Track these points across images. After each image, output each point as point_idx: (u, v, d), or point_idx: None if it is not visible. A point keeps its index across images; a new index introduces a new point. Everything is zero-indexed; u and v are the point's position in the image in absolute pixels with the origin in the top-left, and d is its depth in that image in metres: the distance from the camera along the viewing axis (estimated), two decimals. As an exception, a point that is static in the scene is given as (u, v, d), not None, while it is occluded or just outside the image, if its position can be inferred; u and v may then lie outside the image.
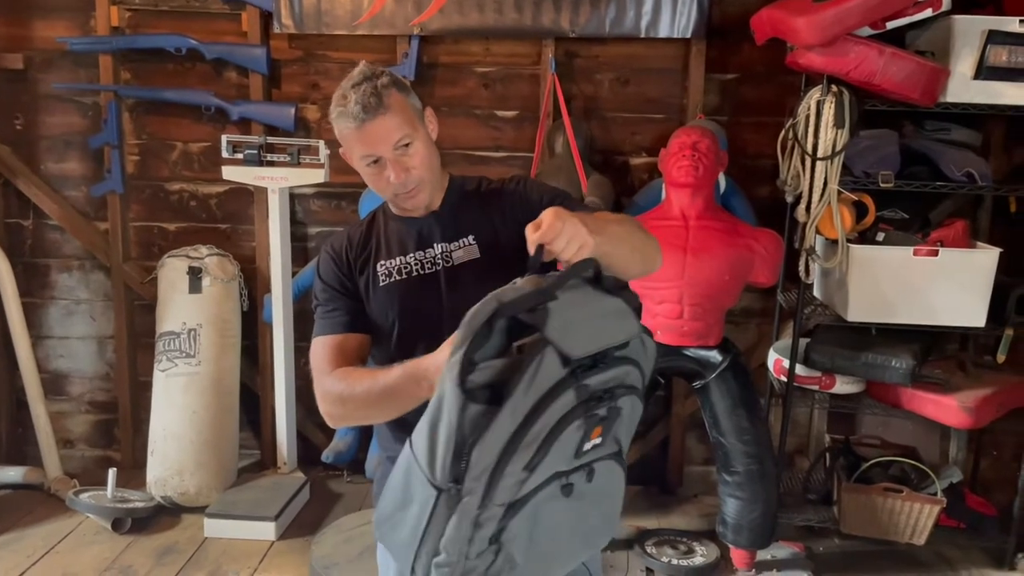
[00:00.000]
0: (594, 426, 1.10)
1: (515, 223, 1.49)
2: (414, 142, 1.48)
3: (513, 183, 1.61)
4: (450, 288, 1.51)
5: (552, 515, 1.13)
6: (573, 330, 1.08)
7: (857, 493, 3.01)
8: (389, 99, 1.45)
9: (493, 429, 1.03)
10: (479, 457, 1.04)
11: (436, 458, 1.08)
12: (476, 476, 1.05)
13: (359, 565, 2.76)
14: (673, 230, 2.84)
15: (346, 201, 3.57)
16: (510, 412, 1.04)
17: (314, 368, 1.51)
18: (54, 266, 3.69)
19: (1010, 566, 3.06)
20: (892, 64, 2.63)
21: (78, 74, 3.51)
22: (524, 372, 1.03)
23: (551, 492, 1.11)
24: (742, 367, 2.91)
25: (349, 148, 1.51)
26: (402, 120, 1.46)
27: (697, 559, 3.03)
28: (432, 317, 1.49)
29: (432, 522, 1.10)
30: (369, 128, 1.44)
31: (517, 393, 1.03)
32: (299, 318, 3.50)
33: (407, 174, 1.48)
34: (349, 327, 1.52)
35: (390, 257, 1.55)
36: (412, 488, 1.12)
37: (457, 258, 1.53)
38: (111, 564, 2.98)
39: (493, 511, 1.06)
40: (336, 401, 1.43)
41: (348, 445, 3.50)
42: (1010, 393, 3.04)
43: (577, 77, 3.43)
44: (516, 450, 1.04)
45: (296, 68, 3.49)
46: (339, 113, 1.46)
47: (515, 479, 1.06)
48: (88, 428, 3.82)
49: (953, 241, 2.90)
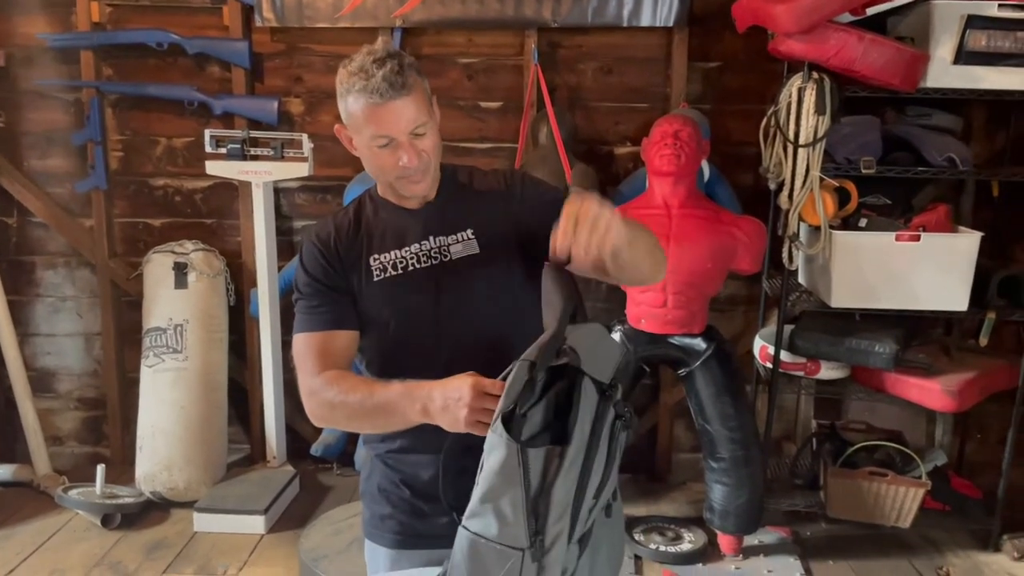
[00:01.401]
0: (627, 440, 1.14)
1: (516, 222, 1.49)
2: (428, 131, 1.43)
3: (517, 181, 1.55)
4: (449, 284, 1.46)
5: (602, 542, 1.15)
6: (594, 360, 1.11)
7: (843, 478, 3.03)
8: (412, 79, 1.39)
9: (567, 466, 1.04)
10: (558, 498, 1.03)
11: (508, 522, 1.04)
12: (557, 518, 1.03)
13: (348, 557, 2.77)
14: (656, 219, 2.85)
15: (331, 194, 3.57)
16: (577, 438, 1.05)
17: (299, 366, 1.46)
18: (39, 263, 3.69)
19: (995, 547, 3.09)
20: (872, 50, 2.63)
21: (60, 70, 3.49)
22: (576, 400, 1.05)
23: (599, 517, 1.14)
24: (726, 354, 2.93)
25: (357, 127, 1.42)
26: (422, 104, 1.41)
27: (685, 545, 3.05)
28: (430, 314, 1.46)
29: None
30: (391, 107, 1.37)
31: (578, 423, 1.05)
32: (286, 312, 3.50)
33: (419, 158, 1.42)
34: (336, 324, 1.45)
35: (384, 251, 1.48)
36: (487, 567, 1.06)
37: (455, 252, 1.47)
38: (101, 560, 2.99)
39: (572, 551, 1.06)
40: (325, 405, 1.40)
41: (337, 438, 3.52)
42: (993, 376, 3.06)
43: (560, 67, 3.43)
44: (590, 475, 1.06)
45: (278, 62, 3.49)
46: (359, 88, 1.37)
47: (587, 507, 1.07)
48: (76, 425, 3.81)
49: (935, 226, 2.91)
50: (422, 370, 1.34)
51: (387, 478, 1.55)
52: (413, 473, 1.51)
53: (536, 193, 1.55)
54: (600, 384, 1.10)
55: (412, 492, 1.51)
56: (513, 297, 1.49)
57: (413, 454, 1.49)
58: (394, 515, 1.54)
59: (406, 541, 1.53)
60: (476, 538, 1.06)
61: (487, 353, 1.25)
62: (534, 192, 1.55)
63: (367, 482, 1.61)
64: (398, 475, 1.54)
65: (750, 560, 3.01)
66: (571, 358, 1.09)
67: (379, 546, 1.58)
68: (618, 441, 1.12)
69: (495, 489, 1.05)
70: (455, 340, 1.43)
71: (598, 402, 1.09)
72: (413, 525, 1.52)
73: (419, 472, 1.49)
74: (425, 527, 1.51)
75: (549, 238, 1.26)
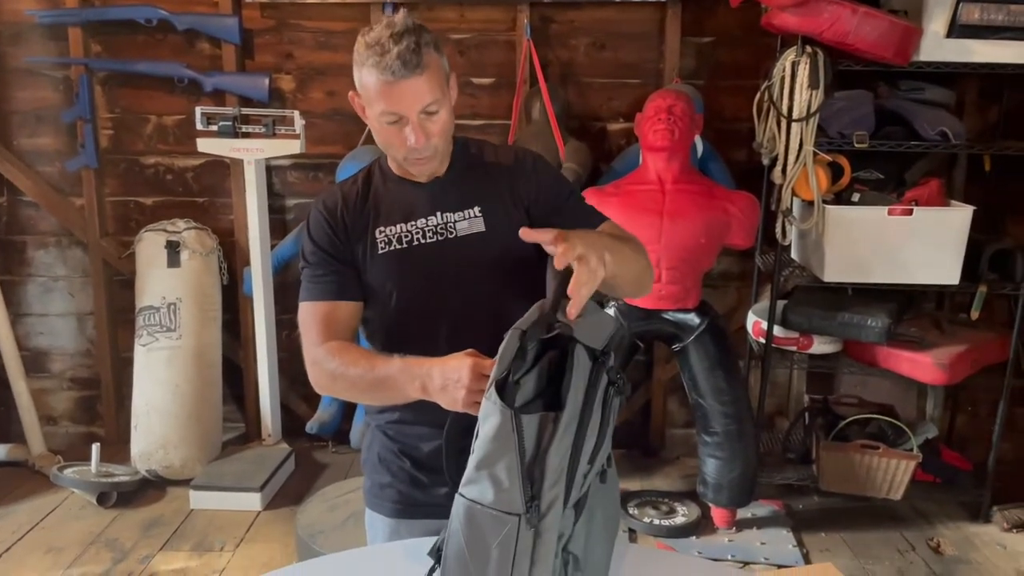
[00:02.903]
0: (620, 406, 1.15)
1: (525, 206, 1.49)
2: (440, 110, 1.40)
3: (530, 164, 1.54)
4: (453, 260, 1.46)
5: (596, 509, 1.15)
6: (587, 328, 1.12)
7: (835, 451, 3.05)
8: (428, 58, 1.36)
9: (561, 432, 1.04)
10: (553, 464, 1.04)
11: (503, 487, 1.05)
12: (552, 483, 1.04)
13: (344, 532, 2.78)
14: (650, 194, 2.85)
15: (323, 172, 3.55)
16: (571, 404, 1.06)
17: (304, 334, 1.47)
18: (30, 243, 3.67)
19: (985, 519, 3.12)
20: (865, 23, 2.63)
21: (48, 47, 3.46)
22: (569, 367, 1.06)
23: (593, 482, 1.14)
24: (719, 329, 2.94)
25: (369, 100, 1.39)
26: (436, 83, 1.38)
27: (679, 519, 3.08)
28: (433, 288, 1.46)
29: (519, 556, 1.04)
30: (404, 85, 1.34)
31: (571, 389, 1.06)
32: (279, 290, 3.50)
33: (427, 140, 1.40)
34: (340, 294, 1.46)
35: (390, 223, 1.47)
36: (484, 534, 1.06)
37: (461, 229, 1.46)
38: (97, 537, 3.00)
39: (568, 516, 1.07)
40: (327, 376, 1.41)
41: (332, 416, 3.52)
42: (984, 349, 3.08)
43: (553, 42, 3.41)
44: (584, 440, 1.06)
45: (269, 38, 3.46)
46: (373, 63, 1.34)
47: (582, 472, 1.08)
48: (71, 405, 3.81)
49: (928, 200, 2.92)
50: (424, 344, 1.34)
51: (387, 448, 1.56)
52: (413, 444, 1.51)
53: (547, 177, 1.55)
54: (593, 351, 1.11)
55: (412, 462, 1.52)
56: (517, 275, 1.49)
57: (413, 426, 1.50)
58: (393, 484, 1.55)
59: (405, 510, 1.54)
60: (472, 504, 1.07)
61: (489, 329, 1.24)
62: (545, 176, 1.55)
63: (368, 451, 1.61)
64: (397, 445, 1.54)
65: (743, 533, 3.04)
66: (563, 328, 1.10)
67: (379, 515, 1.58)
68: (611, 407, 1.13)
69: (490, 455, 1.05)
70: (457, 316, 1.43)
71: (591, 368, 1.10)
72: (412, 495, 1.53)
73: (419, 443, 1.50)
74: (424, 497, 1.52)
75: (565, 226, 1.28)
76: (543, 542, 1.04)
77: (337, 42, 3.42)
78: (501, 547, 1.04)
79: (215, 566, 2.82)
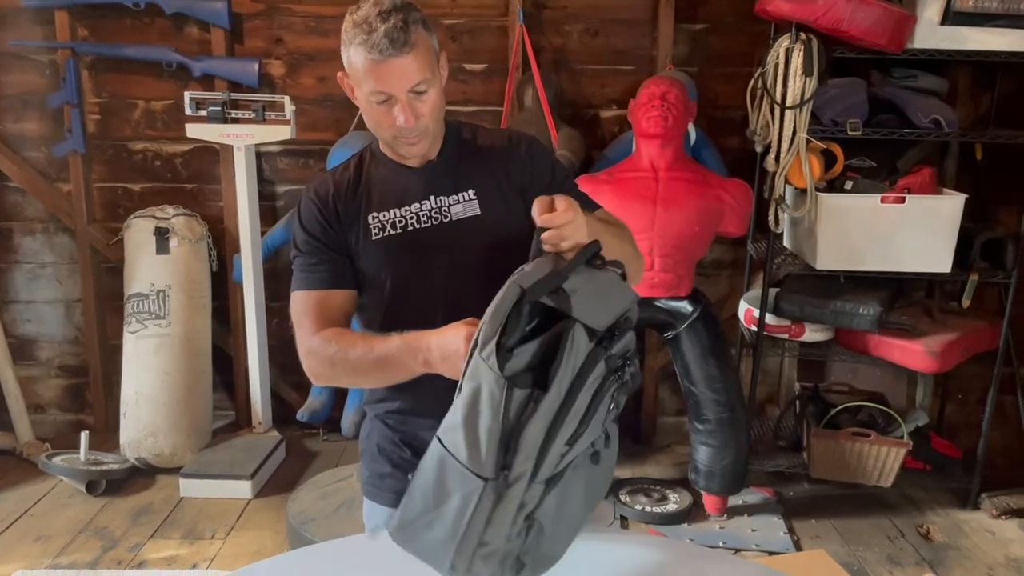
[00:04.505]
0: (621, 393, 1.14)
1: (520, 188, 1.47)
2: (430, 89, 1.37)
3: (524, 147, 1.52)
4: (448, 245, 1.44)
5: (572, 482, 1.15)
6: (591, 305, 1.11)
7: (826, 438, 3.06)
8: (416, 36, 1.33)
9: (541, 412, 1.04)
10: (528, 440, 1.04)
11: (480, 450, 1.05)
12: (525, 458, 1.04)
13: (335, 520, 2.78)
14: (643, 181, 2.84)
15: (314, 158, 3.53)
16: (555, 390, 1.05)
17: (297, 324, 1.45)
18: (17, 229, 3.63)
19: (974, 506, 3.14)
20: (859, 10, 2.62)
21: (34, 31, 3.41)
22: (562, 350, 1.05)
23: (581, 460, 1.14)
24: (712, 317, 2.94)
25: (357, 80, 1.37)
26: (425, 62, 1.35)
27: (670, 506, 3.09)
28: (428, 273, 1.44)
29: (476, 515, 1.06)
30: (392, 64, 1.32)
31: (558, 371, 1.05)
32: (270, 277, 3.48)
33: (416, 120, 1.37)
34: (333, 283, 1.44)
35: (383, 209, 1.45)
36: (449, 484, 1.09)
37: (456, 213, 1.45)
38: (86, 526, 2.98)
39: (535, 489, 1.07)
40: (325, 363, 1.40)
41: (323, 404, 3.51)
42: (975, 337, 3.10)
43: (546, 28, 3.39)
44: (561, 425, 1.06)
45: (259, 22, 3.42)
46: (360, 41, 1.32)
47: (558, 453, 1.07)
48: (59, 392, 3.78)
49: (920, 188, 2.92)
50: (420, 329, 1.33)
51: (387, 438, 1.55)
52: (413, 433, 1.50)
53: (542, 160, 1.54)
54: (594, 332, 1.09)
55: (412, 451, 1.50)
56: (512, 258, 1.45)
57: (414, 416, 1.48)
58: (394, 474, 1.53)
59: None
60: (446, 454, 1.09)
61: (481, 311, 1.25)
62: (541, 159, 1.54)
63: (366, 441, 1.60)
64: (398, 435, 1.53)
65: (734, 520, 3.05)
66: (562, 302, 1.09)
67: (378, 504, 1.57)
68: (603, 397, 1.11)
69: (475, 415, 1.06)
70: (453, 300, 1.40)
71: (590, 352, 1.09)
72: None
73: (419, 432, 1.48)
74: None
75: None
76: (503, 507, 1.05)
77: (328, 27, 3.39)
78: (463, 500, 1.07)
79: (206, 554, 2.81)
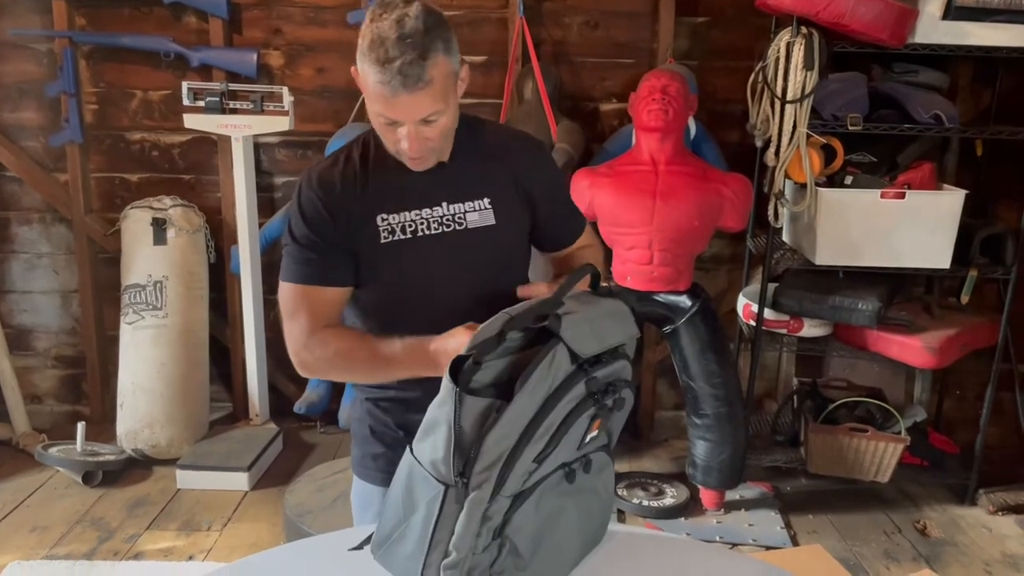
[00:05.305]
0: (597, 418, 1.14)
1: (527, 197, 1.48)
2: (440, 117, 1.32)
3: (536, 153, 1.53)
4: (459, 252, 1.42)
5: (557, 509, 1.15)
6: (582, 330, 1.12)
7: (824, 434, 3.06)
8: (433, 72, 1.26)
9: (504, 422, 1.04)
10: (489, 449, 1.04)
11: (439, 453, 1.06)
12: (486, 467, 1.04)
13: (332, 512, 2.77)
14: (643, 175, 2.83)
15: (312, 150, 3.51)
16: (523, 404, 1.05)
17: (287, 315, 1.42)
18: (14, 219, 3.61)
19: (971, 502, 3.14)
20: (861, 4, 2.60)
21: (32, 19, 3.39)
22: (537, 365, 1.05)
23: (554, 481, 1.14)
24: (711, 312, 2.93)
25: (368, 96, 1.31)
26: (438, 95, 1.29)
27: (667, 500, 3.08)
28: (434, 280, 1.42)
29: (440, 522, 1.07)
30: (402, 99, 1.27)
31: (529, 385, 1.05)
32: (267, 269, 3.47)
33: (422, 144, 1.33)
34: (329, 279, 1.41)
35: (393, 211, 1.40)
36: (415, 493, 1.10)
37: (472, 221, 1.42)
38: (83, 517, 2.98)
39: (501, 503, 1.07)
40: (321, 361, 1.41)
41: (320, 396, 3.50)
42: (973, 333, 3.09)
43: (546, 21, 3.37)
44: (529, 441, 1.05)
45: (257, 12, 3.40)
46: (373, 62, 1.25)
47: (524, 469, 1.07)
48: (55, 383, 3.77)
49: (920, 184, 2.92)
50: (417, 329, 1.34)
51: (380, 421, 1.55)
52: (408, 417, 1.49)
53: (550, 169, 1.57)
54: (576, 356, 1.10)
55: (405, 432, 1.50)
56: (517, 268, 1.51)
57: (407, 402, 1.48)
58: (386, 454, 1.53)
59: None
60: (414, 461, 1.11)
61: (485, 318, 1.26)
62: (551, 168, 1.57)
63: (359, 424, 1.60)
64: (392, 418, 1.53)
65: (731, 515, 3.05)
66: (552, 323, 1.10)
67: (370, 484, 1.57)
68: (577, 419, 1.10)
69: (432, 422, 1.08)
70: (455, 306, 1.38)
71: (569, 373, 1.09)
72: None
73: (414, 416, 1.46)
74: None
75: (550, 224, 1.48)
76: (467, 515, 1.06)
77: (327, 18, 3.37)
78: (427, 507, 1.08)
79: (202, 546, 2.81)
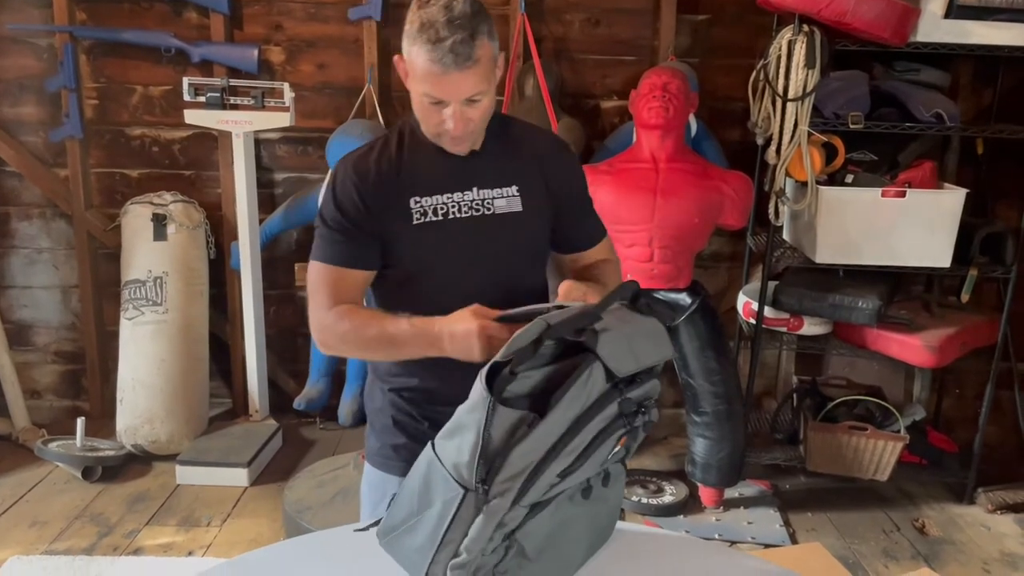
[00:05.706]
0: (624, 436, 1.15)
1: (554, 194, 1.53)
2: (484, 97, 1.39)
3: (567, 154, 1.61)
4: (487, 237, 1.47)
5: (570, 516, 1.16)
6: (619, 348, 1.11)
7: (823, 432, 3.06)
8: (481, 50, 1.34)
9: (534, 436, 1.04)
10: (514, 461, 1.04)
11: (463, 457, 1.06)
12: (509, 478, 1.04)
13: (332, 508, 2.78)
14: (643, 172, 2.83)
15: (312, 146, 3.51)
16: (555, 421, 1.05)
17: (312, 294, 1.47)
18: (14, 214, 3.61)
19: (970, 500, 3.15)
20: (863, 2, 2.60)
21: (32, 14, 3.38)
22: (574, 382, 1.05)
23: (571, 491, 1.15)
24: (711, 309, 2.93)
25: (414, 76, 1.38)
26: (484, 75, 1.37)
27: (666, 497, 3.09)
28: (463, 263, 1.47)
29: (455, 524, 1.07)
30: (452, 77, 1.34)
31: (564, 403, 1.05)
32: (267, 265, 3.47)
33: (465, 124, 1.40)
34: (355, 262, 1.46)
35: (427, 194, 1.46)
36: (433, 489, 1.10)
37: (499, 207, 1.48)
38: (82, 512, 2.98)
39: (518, 511, 1.07)
40: (336, 337, 1.44)
41: (320, 392, 3.50)
42: (973, 332, 3.10)
43: (547, 17, 3.37)
44: (556, 457, 1.06)
45: (258, 8, 3.39)
46: (424, 43, 1.32)
47: (547, 483, 1.07)
48: (55, 378, 3.77)
49: (921, 182, 2.92)
50: (436, 313, 1.35)
51: (403, 412, 1.56)
52: (432, 408, 1.51)
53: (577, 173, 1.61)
54: (612, 375, 1.10)
55: (430, 424, 1.50)
56: (539, 258, 1.56)
57: (432, 393, 1.50)
58: (408, 445, 1.54)
59: None
60: (435, 458, 1.10)
61: (502, 305, 1.30)
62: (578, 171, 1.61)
63: (379, 415, 1.60)
64: (416, 409, 1.55)
65: (730, 512, 3.05)
66: (589, 338, 1.09)
67: (390, 475, 1.58)
68: (607, 439, 1.11)
69: (462, 426, 1.07)
70: (476, 289, 1.42)
71: (604, 392, 1.09)
72: None
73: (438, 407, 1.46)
74: None
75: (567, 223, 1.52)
76: (483, 521, 1.06)
77: (327, 14, 3.37)
78: (444, 506, 1.08)
79: (202, 541, 2.81)
